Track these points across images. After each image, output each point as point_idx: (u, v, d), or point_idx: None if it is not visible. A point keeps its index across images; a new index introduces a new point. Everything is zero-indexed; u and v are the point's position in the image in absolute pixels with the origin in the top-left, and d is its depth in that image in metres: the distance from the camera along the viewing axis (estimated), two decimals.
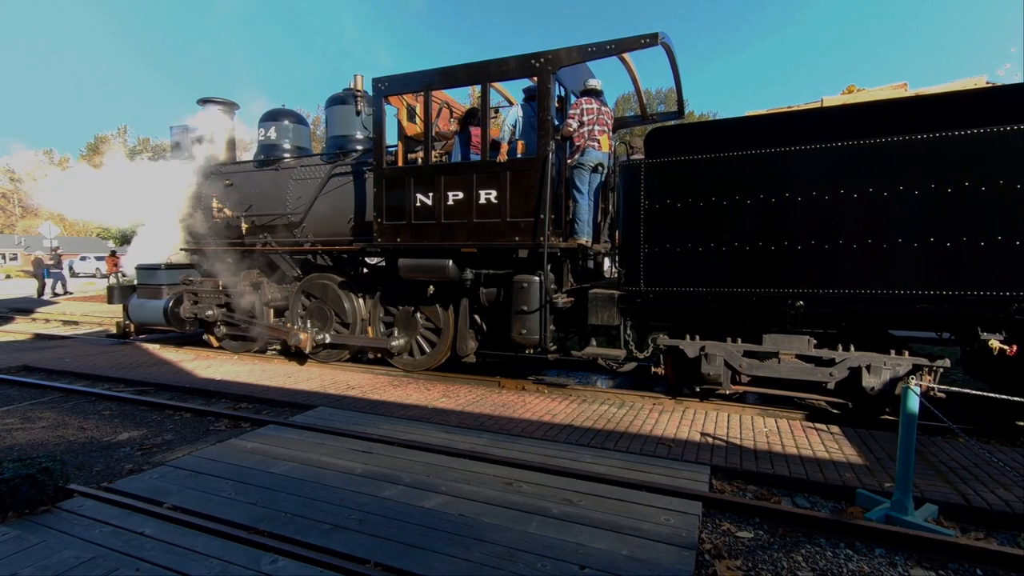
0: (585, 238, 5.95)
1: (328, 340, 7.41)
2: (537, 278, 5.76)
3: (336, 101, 7.88)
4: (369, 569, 2.62)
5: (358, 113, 7.74)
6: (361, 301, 7.40)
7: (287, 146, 8.24)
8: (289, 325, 7.72)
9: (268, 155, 8.17)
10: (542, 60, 5.65)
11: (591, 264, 7.40)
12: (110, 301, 9.52)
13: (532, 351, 6.31)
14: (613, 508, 3.24)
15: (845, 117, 4.59)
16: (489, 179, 5.87)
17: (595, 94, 6.01)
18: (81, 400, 5.96)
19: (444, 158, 6.62)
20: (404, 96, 6.66)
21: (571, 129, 5.83)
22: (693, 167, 5.00)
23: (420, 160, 6.48)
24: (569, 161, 6.00)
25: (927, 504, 3.23)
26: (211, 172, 8.52)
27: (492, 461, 3.95)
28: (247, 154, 9.29)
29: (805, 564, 2.79)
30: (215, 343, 8.66)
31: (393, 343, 6.95)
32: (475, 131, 6.45)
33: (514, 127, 6.00)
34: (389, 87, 6.44)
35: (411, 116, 6.98)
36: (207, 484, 3.56)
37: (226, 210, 7.96)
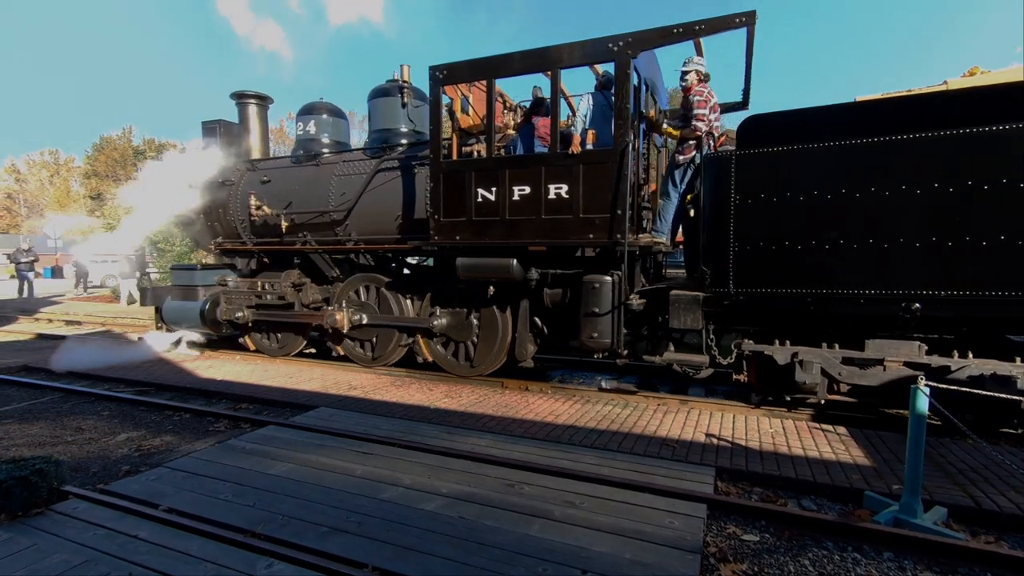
0: (664, 237, 5.66)
1: (365, 320, 7.11)
2: (610, 278, 5.42)
3: (380, 93, 7.53)
4: (367, 573, 2.57)
5: (404, 105, 7.39)
6: (409, 303, 7.13)
7: (326, 141, 7.96)
8: (326, 308, 7.41)
9: (307, 150, 7.88)
10: (620, 44, 5.17)
11: (649, 263, 6.96)
12: (143, 303, 9.14)
13: (601, 356, 5.97)
14: (616, 510, 3.18)
15: (973, 101, 4.24)
16: (560, 172, 5.45)
17: (708, 79, 5.47)
18: (80, 400, 5.94)
19: (501, 151, 6.27)
20: (458, 86, 6.27)
21: (702, 130, 5.33)
22: (793, 158, 4.58)
23: (477, 153, 6.14)
24: (680, 157, 5.50)
25: (936, 507, 3.16)
26: (247, 168, 8.24)
27: (493, 462, 3.89)
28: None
29: (812, 568, 2.73)
30: (251, 347, 8.34)
31: (435, 322, 6.62)
32: (542, 122, 6.06)
33: (586, 117, 5.70)
34: (448, 75, 5.99)
35: (465, 107, 6.67)
36: (204, 486, 3.52)
37: (265, 207, 7.58)
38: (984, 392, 3.58)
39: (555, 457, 4.02)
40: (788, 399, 5.26)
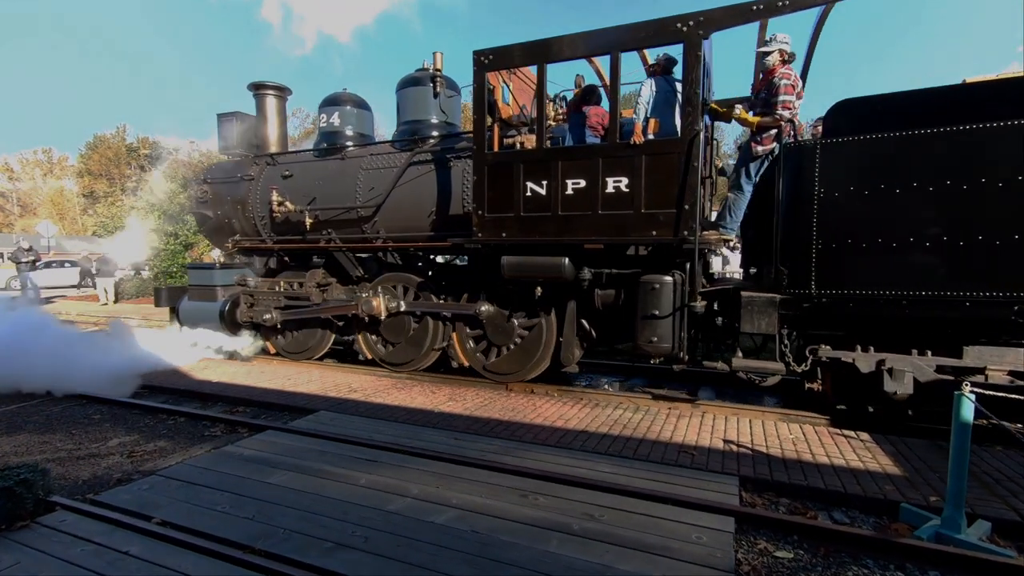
0: (733, 234, 5.27)
1: (403, 307, 6.70)
2: (671, 278, 5.06)
3: (409, 83, 7.16)
4: None
5: (436, 95, 6.99)
6: (440, 301, 6.75)
7: (350, 133, 7.55)
8: (359, 294, 6.96)
9: (331, 143, 7.48)
10: (690, 24, 4.75)
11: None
12: (157, 304, 8.77)
13: (657, 361, 5.61)
14: (639, 524, 3.00)
15: None
16: (619, 164, 5.03)
17: (792, 59, 4.99)
18: (70, 404, 5.71)
19: (547, 143, 5.81)
20: (499, 73, 5.89)
21: (787, 118, 4.81)
22: (890, 146, 4.20)
23: (521, 144, 5.76)
24: (760, 148, 4.97)
25: (979, 520, 2.98)
26: (267, 162, 7.86)
27: (505, 470, 3.70)
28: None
29: None
30: (272, 349, 7.99)
31: (481, 308, 6.16)
32: (594, 111, 5.73)
33: (648, 104, 5.30)
34: (494, 61, 5.58)
35: (505, 96, 6.32)
36: (200, 496, 3.32)
37: (287, 203, 7.19)
38: None
39: (569, 465, 3.83)
40: (871, 410, 4.85)
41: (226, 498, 3.28)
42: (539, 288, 5.76)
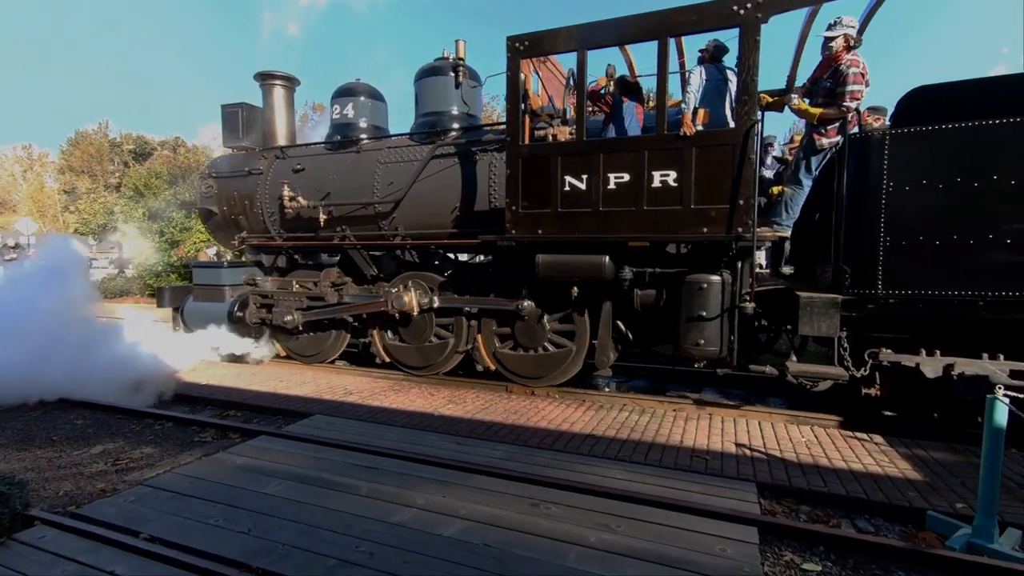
0: (789, 231, 4.97)
1: (436, 303, 6.32)
2: (718, 278, 4.81)
3: (428, 73, 6.79)
4: None
5: (458, 86, 6.60)
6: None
7: (364, 125, 7.18)
8: (388, 289, 6.55)
9: (345, 135, 7.12)
10: (748, 6, 4.42)
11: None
12: (160, 304, 8.26)
13: (700, 365, 5.27)
14: (659, 535, 2.85)
15: None
16: (667, 157, 4.73)
17: (859, 46, 4.61)
18: (50, 407, 5.44)
19: (572, 136, 5.56)
20: (531, 61, 5.52)
21: (854, 109, 4.51)
22: (969, 136, 3.92)
23: (552, 136, 5.42)
24: (825, 140, 4.64)
25: (1009, 529, 2.88)
26: (276, 156, 7.44)
27: (514, 478, 3.54)
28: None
29: None
30: (282, 352, 7.56)
31: (524, 303, 5.74)
32: (638, 108, 5.45)
33: (698, 93, 4.99)
34: (530, 47, 5.22)
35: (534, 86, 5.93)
36: (191, 508, 3.11)
37: (300, 198, 6.82)
38: None
39: (579, 471, 3.68)
40: (936, 416, 4.59)
41: (219, 510, 3.08)
42: (575, 288, 5.47)
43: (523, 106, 5.37)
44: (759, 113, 4.55)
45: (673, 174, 4.74)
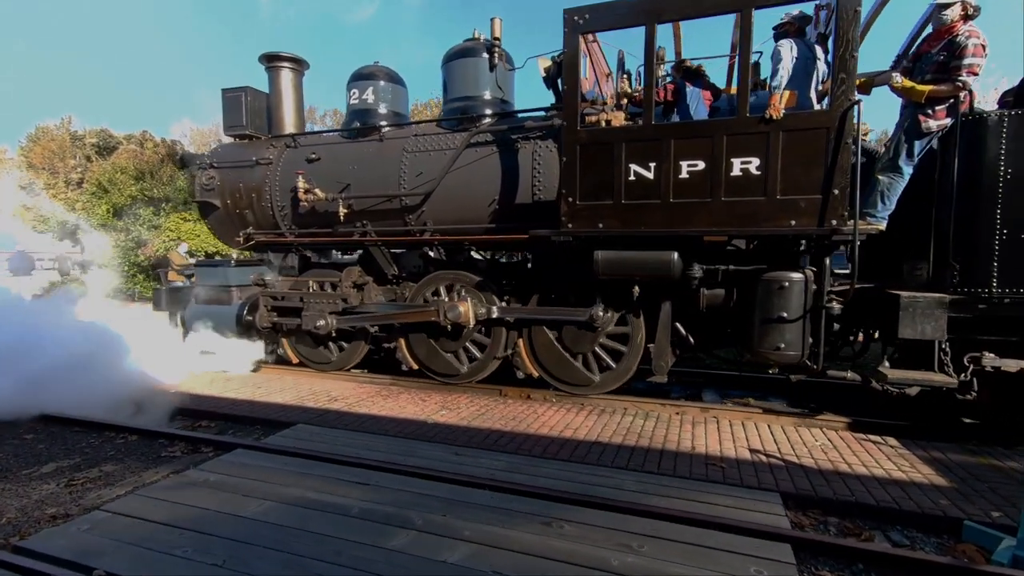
0: (884, 223, 4.51)
1: (495, 313, 5.71)
2: (800, 276, 4.45)
3: (458, 55, 6.25)
4: None
5: (493, 68, 6.04)
6: (504, 304, 5.91)
7: (383, 111, 6.60)
8: (441, 298, 5.97)
9: (364, 122, 6.56)
10: None
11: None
12: (156, 307, 7.47)
13: (775, 371, 4.96)
14: (687, 556, 2.59)
15: None
16: (748, 142, 4.32)
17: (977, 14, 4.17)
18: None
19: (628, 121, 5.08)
20: (583, 38, 4.98)
21: (971, 86, 4.09)
22: None
23: (604, 122, 4.90)
24: (932, 123, 4.18)
25: None
26: (286, 144, 6.84)
27: (520, 492, 3.24)
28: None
29: None
30: (294, 359, 6.92)
31: (598, 312, 5.19)
32: (705, 95, 5.09)
33: (787, 72, 4.54)
34: (591, 21, 4.73)
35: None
36: (155, 537, 2.72)
37: (317, 191, 6.26)
38: None
39: (589, 483, 3.40)
40: None
41: (188, 539, 2.70)
42: (636, 288, 5.01)
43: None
44: (856, 94, 4.09)
45: (756, 161, 4.30)
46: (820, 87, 4.69)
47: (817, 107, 4.56)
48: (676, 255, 4.64)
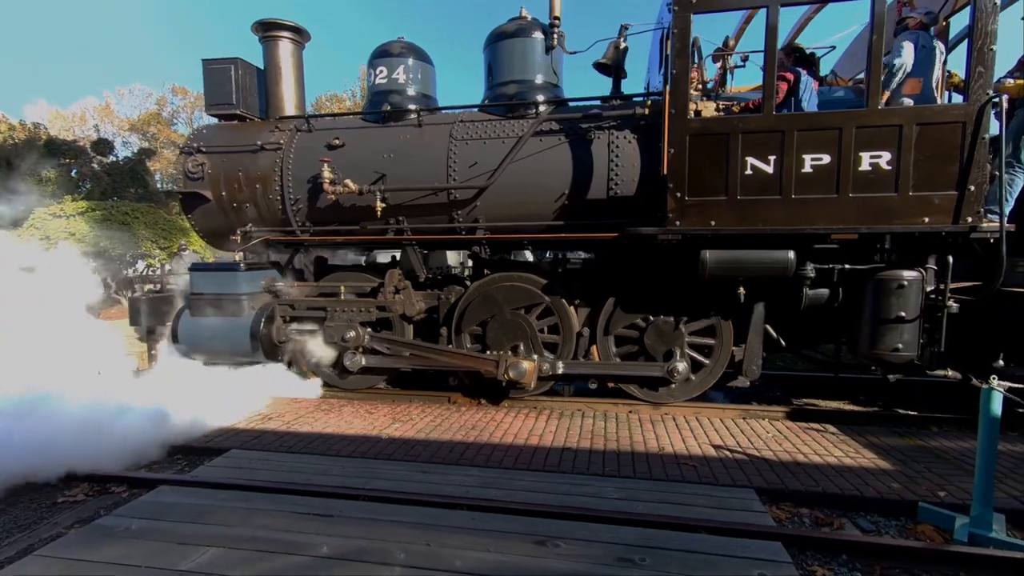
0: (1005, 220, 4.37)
1: (561, 369, 5.27)
2: (917, 274, 4.37)
3: (503, 36, 5.68)
4: None
5: (549, 50, 5.45)
6: (573, 309, 5.49)
7: (412, 93, 5.93)
8: (495, 352, 5.31)
9: (396, 105, 5.84)
10: None
11: None
12: (133, 320, 6.13)
13: (879, 371, 4.89)
14: (687, 565, 2.52)
15: None
16: (879, 136, 4.14)
17: None
18: None
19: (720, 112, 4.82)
20: (693, 16, 4.56)
21: None
22: None
23: (696, 112, 4.65)
24: None
25: (994, 514, 2.97)
26: (297, 127, 5.96)
27: (506, 511, 3.03)
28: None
29: None
30: (311, 375, 6.05)
31: (679, 365, 4.99)
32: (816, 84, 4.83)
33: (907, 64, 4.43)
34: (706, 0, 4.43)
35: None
36: None
37: (348, 182, 5.44)
38: None
39: (570, 493, 3.28)
40: None
41: None
42: (741, 289, 4.74)
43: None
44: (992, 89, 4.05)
45: (887, 155, 4.14)
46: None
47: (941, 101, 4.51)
48: (792, 254, 4.46)
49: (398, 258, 5.98)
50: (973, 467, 3.56)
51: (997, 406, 2.80)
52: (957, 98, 4.81)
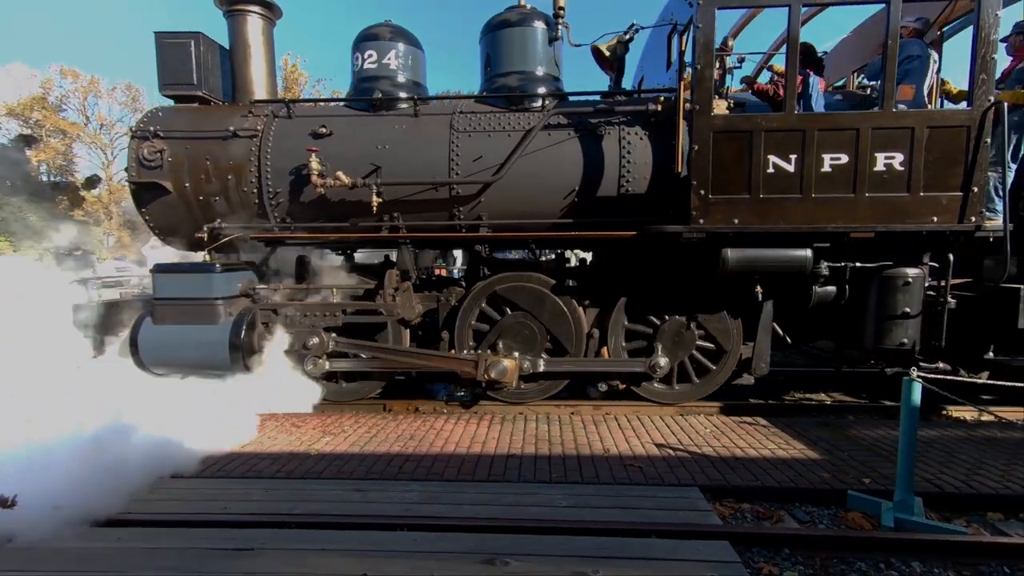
0: (1000, 219, 4.52)
1: (542, 367, 5.15)
2: (920, 272, 4.54)
3: (501, 25, 5.40)
4: None
5: (553, 40, 5.29)
6: (582, 311, 5.31)
7: (402, 80, 5.49)
8: (478, 351, 5.16)
9: (388, 92, 5.39)
10: None
11: None
12: (80, 327, 5.31)
13: (881, 366, 5.09)
14: (642, 572, 2.46)
15: None
16: (892, 137, 4.26)
17: None
18: None
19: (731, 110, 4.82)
20: (717, 11, 4.51)
21: None
22: None
23: (724, 108, 4.62)
24: None
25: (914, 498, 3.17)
26: (274, 112, 5.39)
27: (452, 528, 2.83)
28: None
29: None
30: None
31: (660, 360, 4.99)
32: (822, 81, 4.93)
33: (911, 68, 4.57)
34: None
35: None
36: None
37: (340, 174, 4.94)
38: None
39: (519, 504, 3.13)
40: None
41: None
42: (759, 288, 4.82)
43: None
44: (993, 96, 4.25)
45: (900, 156, 4.29)
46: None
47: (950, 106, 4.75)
48: (810, 252, 4.52)
49: (392, 258, 5.61)
50: (889, 453, 3.84)
51: (917, 396, 2.97)
52: (949, 106, 5.17)
